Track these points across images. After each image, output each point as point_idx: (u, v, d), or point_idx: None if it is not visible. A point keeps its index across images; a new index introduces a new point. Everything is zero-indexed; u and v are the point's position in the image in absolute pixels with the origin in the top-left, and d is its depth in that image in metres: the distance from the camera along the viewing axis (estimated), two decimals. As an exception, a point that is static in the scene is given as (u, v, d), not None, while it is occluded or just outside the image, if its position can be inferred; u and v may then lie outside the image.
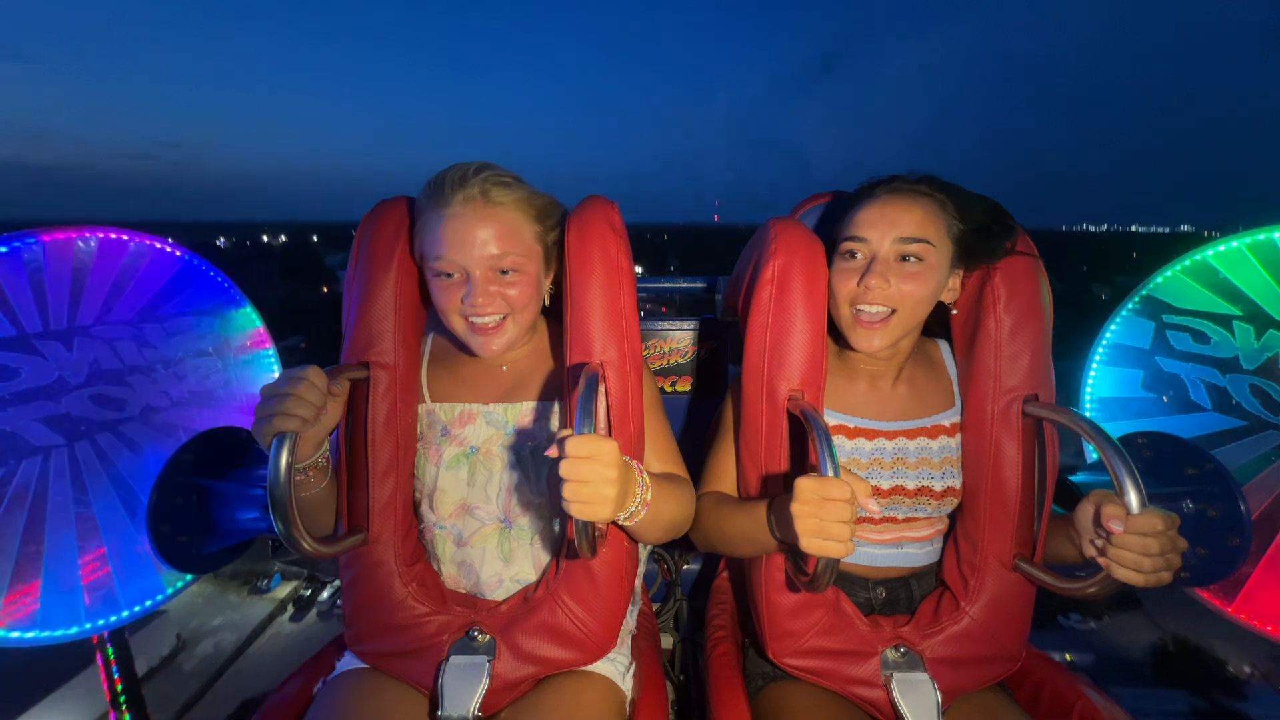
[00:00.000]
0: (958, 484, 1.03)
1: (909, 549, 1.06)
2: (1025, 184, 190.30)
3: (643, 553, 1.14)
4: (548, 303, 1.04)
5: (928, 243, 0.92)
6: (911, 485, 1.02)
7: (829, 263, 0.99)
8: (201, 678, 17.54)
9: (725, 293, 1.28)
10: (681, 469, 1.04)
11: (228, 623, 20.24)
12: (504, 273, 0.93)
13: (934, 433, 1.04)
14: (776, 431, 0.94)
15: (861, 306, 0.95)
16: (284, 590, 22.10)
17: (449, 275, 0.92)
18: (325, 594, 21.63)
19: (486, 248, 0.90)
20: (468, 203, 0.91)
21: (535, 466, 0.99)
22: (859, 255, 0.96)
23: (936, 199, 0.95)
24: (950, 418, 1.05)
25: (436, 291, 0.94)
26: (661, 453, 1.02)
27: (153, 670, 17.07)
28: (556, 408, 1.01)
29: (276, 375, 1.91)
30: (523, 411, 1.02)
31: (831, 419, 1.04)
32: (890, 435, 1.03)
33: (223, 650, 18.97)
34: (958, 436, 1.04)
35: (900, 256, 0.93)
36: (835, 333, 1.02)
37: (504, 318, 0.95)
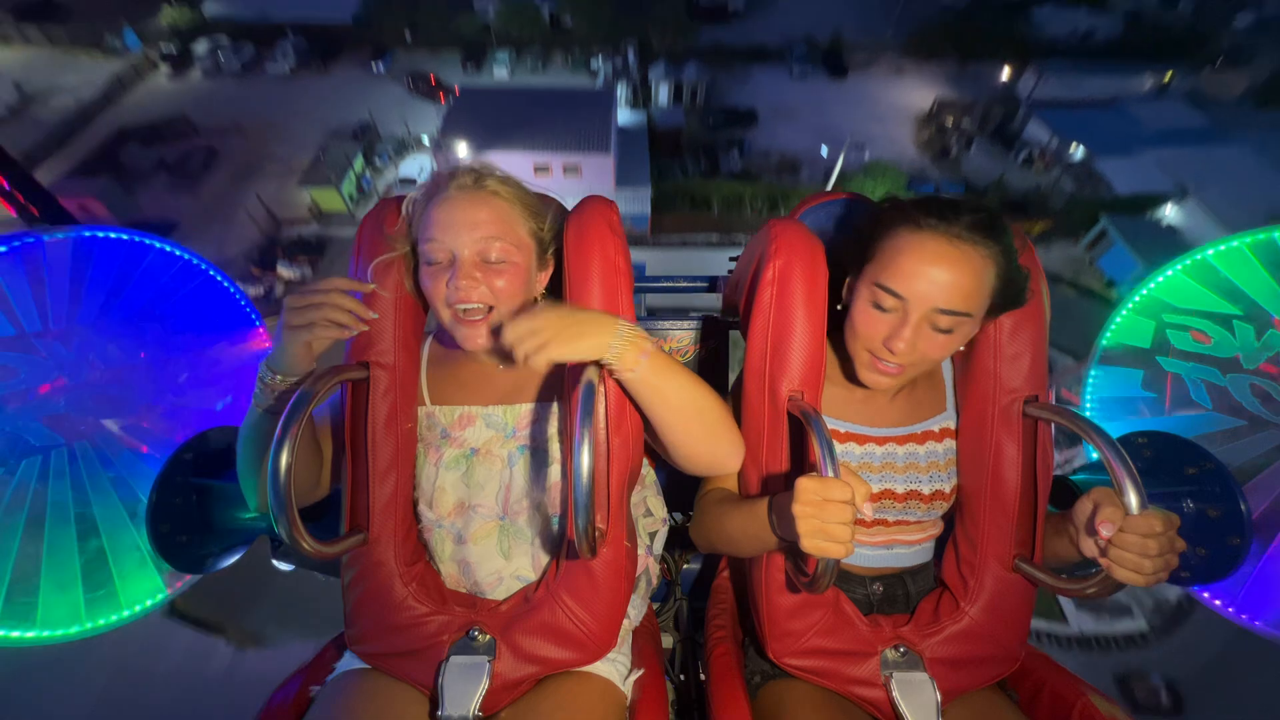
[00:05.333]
0: (946, 488, 1.03)
1: (899, 550, 1.06)
2: None
3: (641, 549, 1.14)
4: (539, 301, 1.04)
5: (967, 316, 0.86)
6: (900, 490, 1.02)
7: (857, 276, 0.96)
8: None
9: (726, 292, 1.28)
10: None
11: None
12: (492, 261, 0.93)
13: (923, 438, 1.04)
14: (777, 432, 0.94)
15: (880, 357, 0.92)
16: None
17: (438, 261, 0.92)
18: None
19: (476, 230, 0.91)
20: (462, 189, 0.93)
21: (535, 467, 0.99)
22: (889, 310, 0.89)
23: (999, 247, 0.85)
24: (941, 422, 1.05)
25: (425, 280, 0.94)
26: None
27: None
28: (555, 409, 1.01)
29: None
30: (522, 413, 1.02)
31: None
32: (880, 441, 1.03)
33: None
34: (946, 441, 1.04)
35: (933, 325, 0.88)
36: (835, 340, 1.02)
37: (489, 309, 0.94)
